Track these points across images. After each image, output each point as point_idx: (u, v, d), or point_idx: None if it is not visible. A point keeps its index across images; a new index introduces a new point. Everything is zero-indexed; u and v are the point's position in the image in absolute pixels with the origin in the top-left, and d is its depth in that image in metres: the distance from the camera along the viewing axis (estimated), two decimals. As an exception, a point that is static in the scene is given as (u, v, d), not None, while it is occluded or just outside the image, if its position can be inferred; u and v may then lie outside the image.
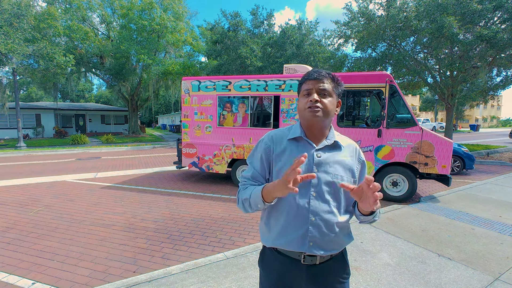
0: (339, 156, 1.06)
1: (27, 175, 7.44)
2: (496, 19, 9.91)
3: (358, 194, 0.89)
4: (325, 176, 1.02)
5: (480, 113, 59.56)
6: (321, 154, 1.04)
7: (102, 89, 53.00)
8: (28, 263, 2.90)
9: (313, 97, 1.01)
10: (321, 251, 1.02)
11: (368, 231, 3.57)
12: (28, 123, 21.09)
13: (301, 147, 1.06)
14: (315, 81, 1.03)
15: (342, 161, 1.05)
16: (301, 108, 1.05)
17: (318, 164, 1.03)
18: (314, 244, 1.01)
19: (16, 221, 4.08)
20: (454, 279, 2.51)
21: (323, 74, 1.03)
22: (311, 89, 1.03)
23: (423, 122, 29.92)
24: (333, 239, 1.03)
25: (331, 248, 1.04)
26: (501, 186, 6.04)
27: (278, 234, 1.06)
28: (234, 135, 6.02)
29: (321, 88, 1.02)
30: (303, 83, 1.06)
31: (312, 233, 1.01)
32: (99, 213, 4.45)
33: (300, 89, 1.09)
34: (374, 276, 2.55)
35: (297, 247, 1.02)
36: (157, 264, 2.88)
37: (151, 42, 17.75)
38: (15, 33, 12.54)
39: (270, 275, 1.12)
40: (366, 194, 0.87)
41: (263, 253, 1.18)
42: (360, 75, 5.17)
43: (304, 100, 1.04)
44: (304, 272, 1.05)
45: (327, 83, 1.03)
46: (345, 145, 1.09)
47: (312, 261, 1.04)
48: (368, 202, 0.87)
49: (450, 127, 12.49)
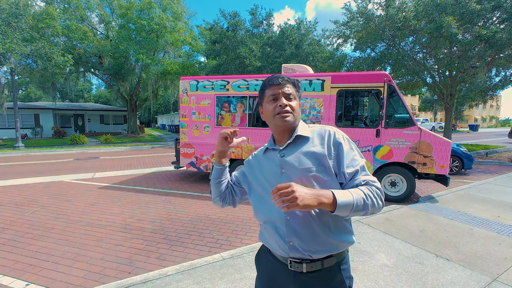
0: (305, 148, 1.01)
1: (25, 175, 7.40)
2: (495, 19, 9.91)
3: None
4: (293, 173, 0.99)
5: (479, 113, 59.68)
6: (284, 153, 1.04)
7: (101, 89, 52.84)
8: (23, 264, 2.88)
9: (282, 101, 1.01)
10: (305, 252, 0.96)
11: (365, 232, 3.55)
12: (26, 123, 21.05)
13: (270, 155, 1.10)
14: (280, 86, 1.03)
15: (308, 152, 1.00)
16: (269, 114, 1.04)
17: (284, 163, 1.02)
18: (294, 243, 0.97)
19: (12, 222, 4.05)
20: (452, 280, 2.49)
21: (286, 79, 1.04)
22: (277, 93, 1.02)
23: (422, 122, 29.95)
24: (315, 238, 0.96)
25: (317, 249, 0.96)
26: (500, 186, 6.03)
27: (263, 234, 1.11)
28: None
29: (287, 92, 1.03)
30: (266, 89, 1.06)
31: (289, 233, 0.98)
32: (96, 213, 4.42)
33: (263, 95, 1.07)
34: (371, 277, 2.53)
35: (278, 247, 1.02)
36: (153, 265, 2.86)
37: (150, 42, 17.71)
38: (13, 33, 12.50)
39: (263, 277, 1.13)
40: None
41: (260, 253, 1.19)
42: (358, 74, 5.15)
43: (271, 106, 1.03)
44: (292, 279, 1.01)
45: (290, 88, 1.04)
46: (313, 135, 1.04)
47: (298, 268, 0.98)
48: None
49: (449, 127, 12.49)
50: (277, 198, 0.80)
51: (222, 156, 1.15)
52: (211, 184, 1.20)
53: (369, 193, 0.90)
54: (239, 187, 1.22)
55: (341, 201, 0.84)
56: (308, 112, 5.43)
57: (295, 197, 0.78)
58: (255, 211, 1.12)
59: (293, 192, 0.78)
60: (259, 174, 1.11)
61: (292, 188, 0.79)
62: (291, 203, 0.78)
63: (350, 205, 0.85)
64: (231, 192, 1.22)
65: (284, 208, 0.79)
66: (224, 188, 1.19)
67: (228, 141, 1.10)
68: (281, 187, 0.80)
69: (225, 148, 1.12)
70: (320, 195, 0.83)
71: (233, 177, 1.25)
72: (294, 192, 0.78)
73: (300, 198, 0.78)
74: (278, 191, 0.80)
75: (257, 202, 1.10)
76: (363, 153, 5.13)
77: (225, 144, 1.10)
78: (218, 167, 1.17)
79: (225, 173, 1.18)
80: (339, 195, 0.85)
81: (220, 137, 1.10)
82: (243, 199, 1.23)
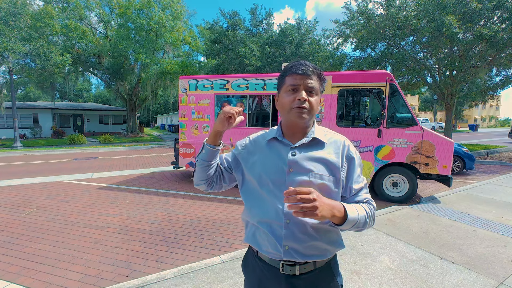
0: (319, 154, 0.95)
1: (22, 176, 7.33)
2: (496, 19, 9.85)
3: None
4: (300, 175, 0.92)
5: (479, 113, 59.70)
6: (296, 152, 0.95)
7: (101, 89, 52.71)
8: (18, 267, 2.80)
9: (302, 95, 0.90)
10: (299, 257, 0.92)
11: (367, 233, 3.49)
12: (25, 123, 20.95)
13: (275, 148, 0.99)
14: (303, 77, 0.91)
15: (322, 158, 0.94)
16: (286, 106, 0.93)
17: (292, 163, 0.94)
18: (290, 248, 0.92)
19: (8, 223, 3.98)
20: (457, 284, 2.43)
21: (311, 69, 0.92)
22: (299, 85, 0.91)
23: (422, 121, 29.94)
24: (312, 244, 0.93)
25: (311, 253, 0.93)
26: (502, 187, 5.97)
27: (253, 235, 1.02)
28: (232, 135, 5.93)
29: (310, 85, 0.91)
30: (288, 76, 0.93)
31: (287, 237, 0.92)
32: (93, 214, 4.35)
33: (283, 82, 0.95)
34: (374, 280, 2.47)
35: (272, 249, 0.94)
36: (151, 268, 2.79)
37: (149, 41, 17.63)
38: (11, 32, 12.41)
39: (250, 283, 1.06)
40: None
41: (246, 257, 1.11)
42: (359, 74, 5.09)
43: (289, 98, 0.92)
44: (284, 283, 0.95)
45: (315, 80, 0.92)
46: (329, 142, 0.98)
47: (292, 271, 0.94)
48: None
49: (450, 127, 12.44)
50: (293, 201, 0.74)
51: (219, 137, 1.00)
52: (198, 165, 1.04)
53: (370, 212, 0.92)
54: (230, 174, 1.09)
55: (350, 216, 0.84)
56: (308, 111, 5.36)
57: (315, 206, 0.74)
58: (249, 208, 1.02)
59: (315, 201, 0.74)
60: (258, 165, 0.99)
61: (314, 196, 0.75)
62: (308, 211, 0.74)
63: (355, 221, 0.86)
64: (219, 177, 1.08)
65: (299, 214, 0.74)
66: (212, 172, 1.05)
67: (231, 121, 0.96)
68: (302, 191, 0.75)
69: (224, 129, 0.97)
70: (334, 207, 0.82)
71: (223, 160, 1.10)
72: (315, 201, 0.74)
73: (320, 209, 0.75)
74: (296, 194, 0.74)
75: (252, 198, 1.01)
76: (365, 153, 5.07)
77: (226, 124, 0.95)
78: (210, 148, 1.00)
79: (216, 155, 1.04)
80: (349, 210, 0.85)
81: (222, 115, 0.94)
82: (231, 185, 1.12)
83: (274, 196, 0.94)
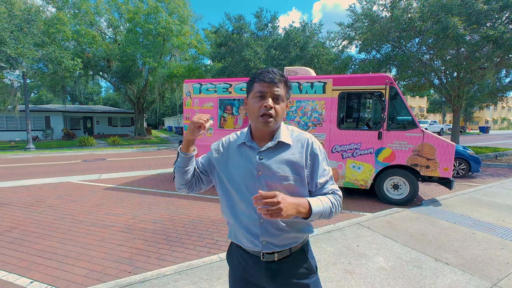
0: (284, 156, 1.02)
1: (34, 176, 7.62)
2: (504, 19, 9.72)
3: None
4: (267, 178, 1.01)
5: (490, 115, 58.22)
6: (263, 156, 1.02)
7: (110, 92, 53.87)
8: (28, 262, 2.97)
9: (268, 102, 0.96)
10: (276, 247, 1.04)
11: (365, 234, 3.54)
12: (38, 125, 21.63)
13: (245, 152, 1.06)
14: (270, 84, 0.97)
15: (286, 160, 1.01)
16: (254, 113, 0.99)
17: (262, 167, 1.01)
18: (267, 243, 1.04)
19: (20, 221, 4.18)
20: (450, 285, 2.46)
21: (278, 77, 0.98)
22: (265, 92, 0.97)
23: (430, 123, 29.44)
24: (285, 236, 1.04)
25: (286, 243, 1.05)
26: (507, 190, 5.89)
27: (234, 234, 1.12)
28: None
29: (276, 93, 0.97)
30: (256, 83, 0.99)
31: (263, 234, 1.03)
32: (100, 213, 4.53)
33: (251, 88, 1.01)
34: (367, 280, 2.53)
35: (252, 246, 1.06)
36: (152, 265, 2.92)
37: (157, 45, 18.02)
38: (25, 38, 12.91)
39: (235, 272, 1.16)
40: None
41: (230, 248, 1.21)
42: (360, 77, 5.14)
43: (256, 104, 0.98)
44: (264, 268, 1.07)
45: (281, 88, 0.99)
46: (294, 143, 1.04)
47: (271, 258, 1.06)
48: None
49: (457, 129, 12.26)
50: (260, 205, 0.83)
51: (191, 145, 1.07)
52: (176, 172, 1.11)
53: (335, 202, 1.01)
54: (206, 176, 1.17)
55: (315, 210, 0.92)
56: (310, 114, 5.44)
57: (280, 208, 0.83)
58: (225, 208, 1.10)
59: (279, 204, 0.83)
60: (231, 169, 1.07)
61: (278, 199, 0.83)
62: (274, 213, 0.83)
63: (320, 213, 0.95)
64: (198, 180, 1.16)
65: (267, 216, 0.83)
66: (190, 177, 1.12)
67: (201, 130, 1.01)
68: (267, 195, 0.83)
69: (195, 137, 1.04)
70: (299, 205, 0.90)
71: (199, 164, 1.17)
72: (279, 204, 0.83)
73: (284, 210, 0.84)
74: (263, 198, 0.83)
75: (228, 200, 1.09)
76: (365, 156, 5.11)
77: (196, 133, 1.01)
78: (184, 156, 1.07)
79: (191, 161, 1.10)
80: (314, 204, 0.93)
81: (192, 126, 1.00)
82: (209, 186, 1.21)
83: (247, 198, 1.03)
